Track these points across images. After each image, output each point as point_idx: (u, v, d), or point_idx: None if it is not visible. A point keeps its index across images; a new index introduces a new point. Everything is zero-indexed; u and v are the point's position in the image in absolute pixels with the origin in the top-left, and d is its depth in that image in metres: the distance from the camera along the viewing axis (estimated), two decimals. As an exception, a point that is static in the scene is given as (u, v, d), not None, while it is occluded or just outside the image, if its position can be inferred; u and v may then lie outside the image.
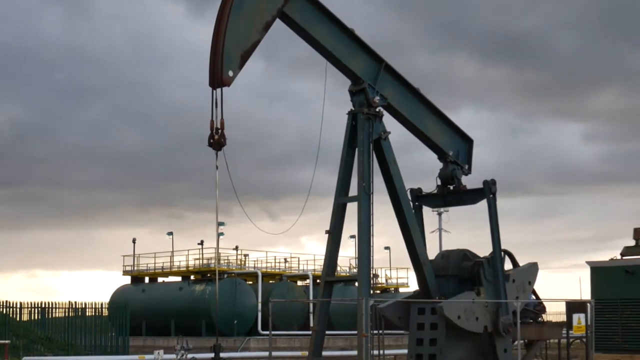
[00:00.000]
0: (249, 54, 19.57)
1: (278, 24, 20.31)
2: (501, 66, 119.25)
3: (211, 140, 19.43)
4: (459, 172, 23.98)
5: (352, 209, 21.97)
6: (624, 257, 29.88)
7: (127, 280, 65.96)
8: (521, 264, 24.33)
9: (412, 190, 24.23)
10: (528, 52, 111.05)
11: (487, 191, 23.49)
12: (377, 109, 21.99)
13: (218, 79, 19.23)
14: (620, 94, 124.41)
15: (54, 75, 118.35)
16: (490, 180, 23.48)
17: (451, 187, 24.00)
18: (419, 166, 24.98)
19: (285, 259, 68.06)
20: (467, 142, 24.30)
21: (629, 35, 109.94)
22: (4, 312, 44.17)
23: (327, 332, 23.78)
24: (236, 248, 64.78)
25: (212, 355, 21.61)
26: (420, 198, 24.44)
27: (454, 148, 23.92)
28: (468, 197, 24.03)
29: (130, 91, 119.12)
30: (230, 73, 19.28)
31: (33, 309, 45.85)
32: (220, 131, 19.46)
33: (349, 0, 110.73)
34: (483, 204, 23.44)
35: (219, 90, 19.39)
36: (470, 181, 24.12)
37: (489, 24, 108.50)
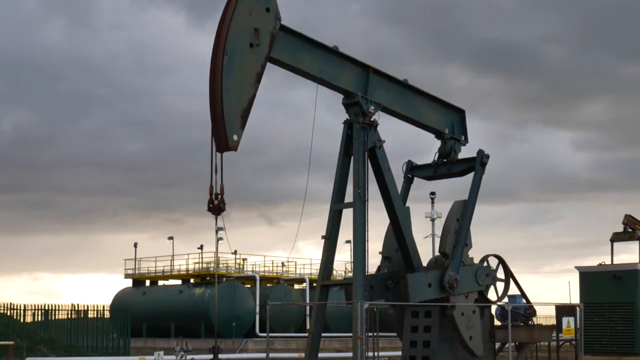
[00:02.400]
0: (248, 111, 19.46)
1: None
2: (493, 76, 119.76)
3: (210, 205, 19.56)
4: (458, 146, 24.43)
5: (347, 215, 22.45)
6: (614, 244, 30.33)
7: (129, 283, 66.51)
8: (512, 269, 24.75)
9: (408, 162, 24.94)
10: (519, 63, 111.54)
11: (479, 159, 23.98)
12: (372, 119, 22.54)
13: (224, 145, 19.18)
14: (609, 103, 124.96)
15: (57, 83, 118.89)
16: (486, 153, 24.05)
17: (444, 160, 24.45)
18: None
19: (282, 263, 68.56)
20: (460, 113, 24.61)
21: (617, 46, 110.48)
22: (8, 313, 44.51)
23: (323, 335, 24.20)
24: (235, 252, 65.33)
25: (211, 356, 21.86)
26: (414, 169, 24.99)
27: (449, 123, 24.26)
28: (458, 167, 24.38)
29: (132, 99, 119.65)
30: (235, 137, 19.17)
31: (36, 311, 46.16)
32: (220, 196, 19.67)
33: (343, 11, 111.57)
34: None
35: (218, 154, 19.48)
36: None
37: (481, 35, 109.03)
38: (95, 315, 47.50)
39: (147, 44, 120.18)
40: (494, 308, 24.34)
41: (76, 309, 46.90)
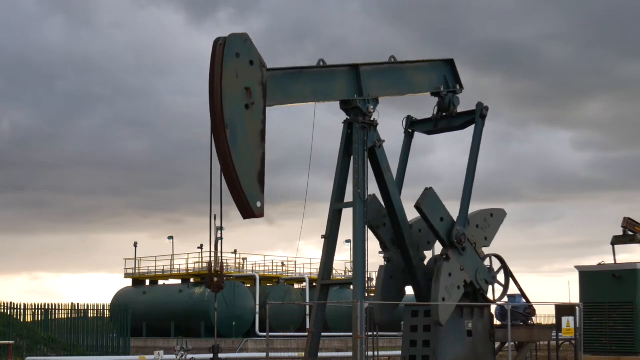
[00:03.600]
0: (263, 173, 19.48)
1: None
2: (493, 75, 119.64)
3: (210, 282, 19.91)
4: (456, 99, 24.49)
5: (347, 214, 22.61)
6: (615, 247, 30.32)
7: (129, 282, 66.52)
8: (512, 268, 24.85)
9: (408, 117, 25.01)
10: (519, 61, 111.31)
11: (478, 112, 24.08)
12: (372, 118, 22.64)
13: (250, 214, 19.35)
14: (610, 102, 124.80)
15: (56, 82, 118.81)
16: (485, 105, 24.14)
17: (444, 114, 24.54)
18: (412, 174, 25.53)
19: (282, 263, 68.59)
20: (448, 63, 24.62)
21: (618, 44, 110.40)
22: (8, 313, 44.52)
23: (323, 334, 24.31)
24: (235, 252, 65.36)
25: (211, 356, 21.90)
26: (414, 124, 25.06)
27: (442, 79, 24.33)
28: (458, 120, 24.51)
29: (131, 98, 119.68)
30: (258, 204, 19.35)
31: (37, 311, 46.16)
32: (220, 274, 19.93)
33: (344, 10, 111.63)
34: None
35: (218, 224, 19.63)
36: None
37: (481, 34, 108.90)
38: (95, 315, 47.53)
39: (146, 43, 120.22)
40: (493, 307, 24.40)
41: (76, 308, 46.95)
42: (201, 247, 62.31)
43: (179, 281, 63.82)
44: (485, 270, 23.66)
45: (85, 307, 47.41)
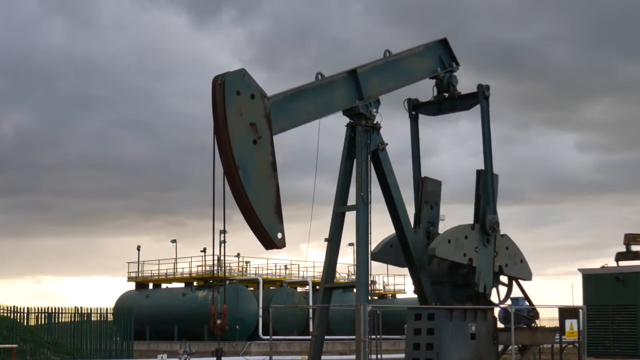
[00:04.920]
0: (279, 204, 19.57)
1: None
2: (496, 77, 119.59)
3: (213, 325, 20.34)
4: (454, 78, 24.59)
5: (350, 217, 22.61)
6: (619, 264, 30.33)
7: (132, 286, 66.56)
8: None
9: (409, 100, 25.03)
10: (523, 63, 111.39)
11: (481, 94, 24.10)
12: (375, 122, 22.65)
13: (273, 246, 19.52)
14: (614, 104, 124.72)
15: (57, 84, 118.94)
16: (485, 85, 24.14)
17: (446, 95, 24.61)
18: (415, 175, 25.48)
19: (285, 266, 68.56)
20: (442, 43, 24.68)
21: (622, 46, 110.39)
22: (12, 316, 44.48)
23: (326, 337, 24.28)
24: (238, 255, 65.37)
25: (214, 359, 22.07)
26: (417, 107, 25.09)
27: (437, 59, 24.43)
28: (462, 102, 24.58)
29: (133, 100, 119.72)
30: (279, 235, 19.47)
31: (40, 314, 46.10)
32: (223, 316, 20.29)
33: (346, 11, 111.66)
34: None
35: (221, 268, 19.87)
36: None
37: (484, 35, 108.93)
38: (98, 318, 47.50)
39: (149, 45, 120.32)
40: (497, 310, 24.40)
41: (79, 311, 46.94)
42: (204, 250, 62.36)
43: (182, 284, 63.83)
44: (490, 277, 23.65)
45: (89, 311, 47.38)
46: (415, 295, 24.07)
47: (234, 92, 19.30)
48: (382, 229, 25.55)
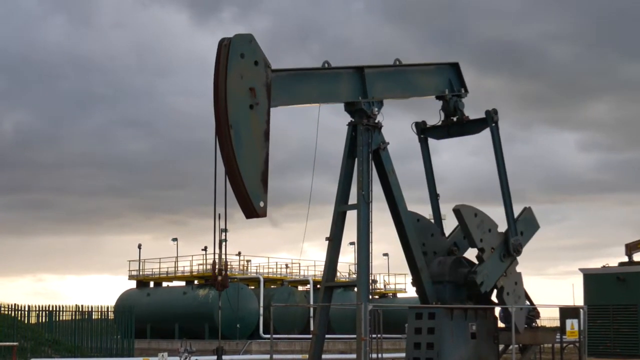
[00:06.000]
0: (266, 173, 19.58)
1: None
2: (498, 76, 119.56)
3: (214, 280, 19.91)
4: (461, 103, 24.56)
5: (351, 216, 22.62)
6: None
7: (133, 284, 66.57)
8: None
9: (416, 123, 25.09)
10: (524, 62, 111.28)
11: (490, 120, 24.12)
12: (377, 121, 22.65)
13: (253, 214, 19.41)
14: (615, 103, 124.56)
15: (57, 82, 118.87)
16: (492, 109, 24.14)
17: (454, 119, 24.63)
18: (417, 175, 25.55)
19: (286, 265, 68.54)
20: (453, 66, 24.70)
21: (623, 45, 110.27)
22: (13, 314, 44.52)
23: (327, 336, 24.30)
24: (239, 254, 65.35)
25: (214, 357, 22.09)
26: (425, 130, 25.13)
27: (446, 82, 24.39)
28: (471, 127, 24.64)
29: (134, 98, 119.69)
30: (261, 204, 19.41)
31: (41, 312, 46.10)
32: (224, 273, 19.98)
33: (348, 10, 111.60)
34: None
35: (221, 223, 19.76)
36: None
37: (485, 33, 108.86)
38: (99, 317, 47.50)
39: (149, 43, 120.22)
40: (497, 310, 24.40)
41: (80, 310, 46.95)
42: (205, 249, 62.33)
43: (183, 283, 63.85)
44: (491, 281, 23.69)
45: (89, 309, 47.41)
46: (416, 295, 24.07)
47: (238, 55, 19.44)
48: (383, 228, 25.61)
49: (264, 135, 19.63)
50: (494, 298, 24.24)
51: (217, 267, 19.93)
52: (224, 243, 20.34)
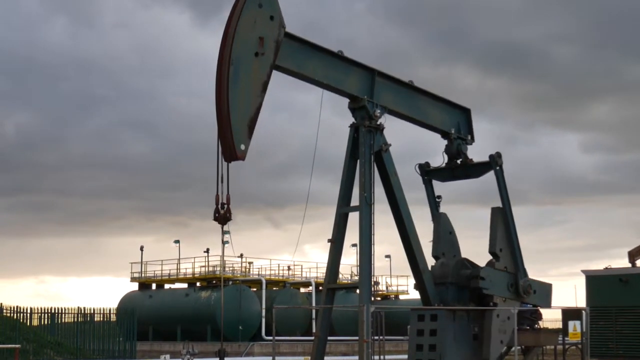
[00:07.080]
0: (255, 121, 19.44)
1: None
2: (500, 77, 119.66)
3: (217, 215, 19.55)
4: (464, 147, 24.65)
5: (353, 218, 22.54)
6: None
7: (135, 286, 66.65)
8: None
9: (420, 165, 25.13)
10: (527, 63, 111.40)
11: (494, 164, 24.21)
12: (379, 122, 22.63)
13: (232, 155, 19.18)
14: (618, 104, 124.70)
15: (59, 84, 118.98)
16: (496, 153, 24.21)
17: (458, 162, 24.72)
18: (415, 178, 25.54)
19: (288, 267, 68.56)
20: (465, 112, 24.84)
21: (627, 46, 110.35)
22: (15, 317, 44.55)
23: (329, 338, 24.24)
24: (241, 256, 65.39)
25: (217, 359, 22.01)
26: (429, 172, 25.19)
27: (454, 123, 24.48)
28: (475, 169, 24.72)
29: (135, 100, 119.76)
30: (242, 147, 19.18)
31: (43, 314, 46.14)
32: (226, 206, 19.63)
33: (351, 12, 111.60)
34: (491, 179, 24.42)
35: (225, 164, 19.46)
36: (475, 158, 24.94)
37: (488, 35, 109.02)
38: (101, 319, 47.54)
39: (151, 44, 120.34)
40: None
41: (82, 312, 47.00)
42: (207, 251, 62.42)
43: (185, 285, 63.90)
44: (495, 290, 23.73)
45: (92, 311, 47.46)
46: (418, 296, 24.05)
47: (256, 3, 19.50)
48: (385, 230, 25.58)
49: (262, 85, 19.56)
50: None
51: (219, 200, 19.46)
52: (225, 245, 20.19)
